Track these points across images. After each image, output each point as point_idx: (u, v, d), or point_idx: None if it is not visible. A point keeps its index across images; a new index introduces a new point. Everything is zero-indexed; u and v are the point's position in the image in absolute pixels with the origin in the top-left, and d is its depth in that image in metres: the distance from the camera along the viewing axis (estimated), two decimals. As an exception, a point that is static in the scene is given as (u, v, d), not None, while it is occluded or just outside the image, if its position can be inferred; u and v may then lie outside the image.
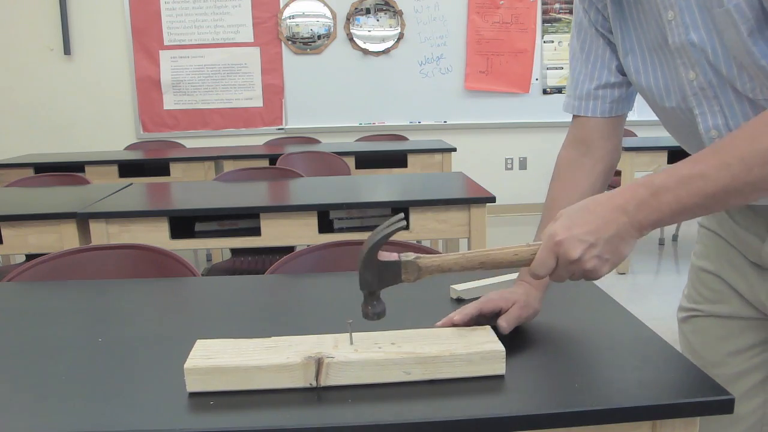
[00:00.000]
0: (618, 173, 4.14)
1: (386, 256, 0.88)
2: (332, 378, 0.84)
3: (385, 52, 5.23)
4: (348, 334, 0.89)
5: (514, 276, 1.24)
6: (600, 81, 1.09)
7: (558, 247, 0.82)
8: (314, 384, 0.84)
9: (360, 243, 1.55)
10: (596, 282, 1.26)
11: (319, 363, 0.83)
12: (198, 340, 0.90)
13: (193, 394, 0.83)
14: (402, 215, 0.89)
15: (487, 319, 0.99)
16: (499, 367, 0.86)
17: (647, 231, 0.82)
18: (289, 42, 5.17)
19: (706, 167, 0.78)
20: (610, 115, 1.11)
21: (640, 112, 1.17)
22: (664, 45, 0.93)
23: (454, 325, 0.96)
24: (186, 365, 0.83)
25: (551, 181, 1.14)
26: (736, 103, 0.92)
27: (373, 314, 0.88)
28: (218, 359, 0.84)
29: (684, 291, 1.22)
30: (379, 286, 0.88)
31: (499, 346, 0.87)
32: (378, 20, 5.20)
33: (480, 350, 0.86)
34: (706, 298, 1.15)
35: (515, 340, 0.98)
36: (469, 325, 0.96)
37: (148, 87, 5.16)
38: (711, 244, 1.15)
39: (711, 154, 0.79)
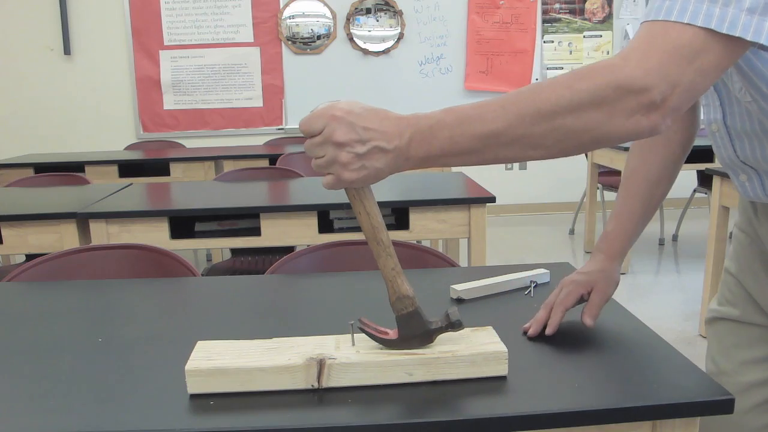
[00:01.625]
0: (618, 173, 4.15)
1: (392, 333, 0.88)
2: (334, 379, 0.83)
3: (385, 52, 5.23)
4: (350, 335, 0.89)
5: (514, 276, 1.25)
6: None
7: (332, 120, 0.78)
8: (316, 385, 0.83)
9: (360, 243, 1.55)
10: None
11: (320, 364, 0.83)
12: (198, 342, 0.90)
13: (193, 395, 0.83)
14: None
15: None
16: (501, 368, 0.86)
17: (415, 164, 0.79)
18: (289, 42, 5.17)
19: (486, 110, 0.75)
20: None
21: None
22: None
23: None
24: (187, 367, 0.83)
25: (628, 153, 1.12)
26: (734, 103, 0.92)
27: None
28: (219, 361, 0.84)
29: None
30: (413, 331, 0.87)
31: (502, 347, 0.86)
32: (378, 20, 5.20)
33: (483, 351, 0.85)
34: (727, 299, 1.14)
35: (515, 340, 0.98)
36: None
37: (148, 87, 5.16)
38: (738, 245, 1.14)
39: (496, 100, 0.76)
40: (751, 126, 0.91)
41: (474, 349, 0.86)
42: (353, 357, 0.84)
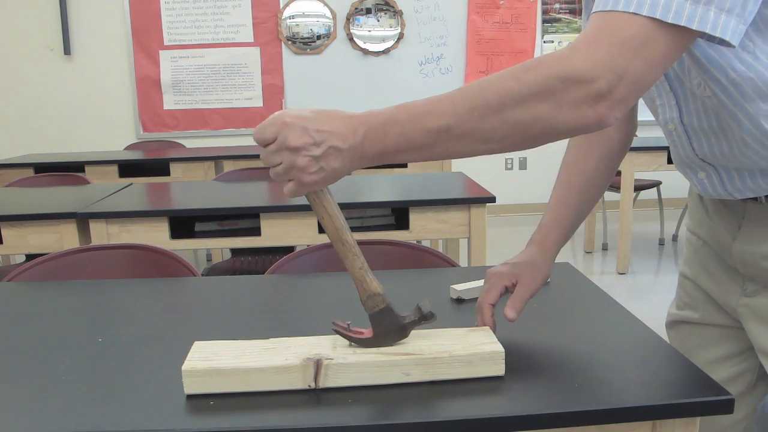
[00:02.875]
0: (618, 173, 4.15)
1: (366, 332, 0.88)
2: (331, 380, 0.83)
3: (385, 52, 5.23)
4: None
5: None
6: None
7: (283, 127, 0.78)
8: (313, 386, 0.83)
9: (360, 243, 1.55)
10: (596, 282, 1.26)
11: (317, 365, 0.83)
12: (195, 342, 0.90)
13: (192, 395, 0.83)
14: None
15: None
16: (498, 369, 0.86)
17: (370, 161, 0.79)
18: (289, 42, 5.17)
19: (436, 105, 0.75)
20: None
21: (640, 112, 1.16)
22: None
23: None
24: (184, 367, 0.82)
25: (567, 147, 1.11)
26: (690, 100, 0.92)
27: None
28: (216, 361, 0.84)
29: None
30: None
31: (499, 347, 0.86)
32: (378, 20, 5.20)
33: (479, 351, 0.85)
34: (685, 303, 1.16)
35: (515, 340, 0.98)
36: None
37: (148, 87, 5.16)
38: (691, 248, 1.15)
39: (447, 95, 0.76)
40: (708, 123, 0.91)
41: (471, 349, 0.86)
42: (350, 357, 0.84)
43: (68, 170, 3.45)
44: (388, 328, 0.87)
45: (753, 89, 0.82)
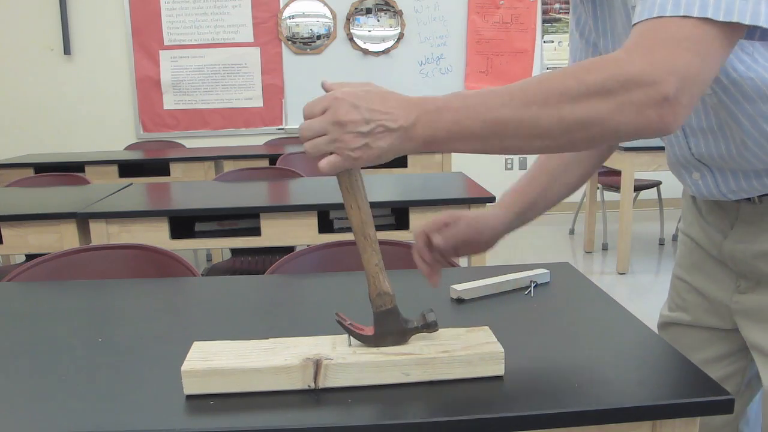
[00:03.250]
0: (618, 173, 4.14)
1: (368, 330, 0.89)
2: (330, 380, 0.83)
3: (385, 52, 5.23)
4: (346, 335, 0.89)
5: (514, 276, 1.25)
6: (596, 54, 1.06)
7: (334, 101, 0.77)
8: (312, 386, 0.83)
9: (355, 243, 1.55)
10: (596, 282, 1.26)
11: (317, 365, 0.83)
12: (195, 342, 0.90)
13: (192, 395, 0.83)
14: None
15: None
16: (498, 368, 0.86)
17: (418, 146, 0.78)
18: (289, 42, 5.17)
19: (493, 97, 0.75)
20: None
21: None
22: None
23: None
24: (183, 367, 0.82)
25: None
26: (698, 101, 0.91)
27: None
28: (215, 361, 0.84)
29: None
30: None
31: (498, 348, 0.86)
32: (378, 20, 5.20)
33: (479, 351, 0.85)
34: (677, 305, 1.17)
35: (515, 340, 0.98)
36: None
37: (148, 87, 5.16)
38: (685, 249, 1.16)
39: (505, 88, 0.75)
40: (707, 122, 0.91)
41: (470, 349, 0.86)
42: (349, 357, 0.84)
43: (68, 170, 3.45)
44: (390, 329, 0.87)
45: (753, 89, 0.82)
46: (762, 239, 0.95)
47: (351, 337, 0.88)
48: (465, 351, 0.85)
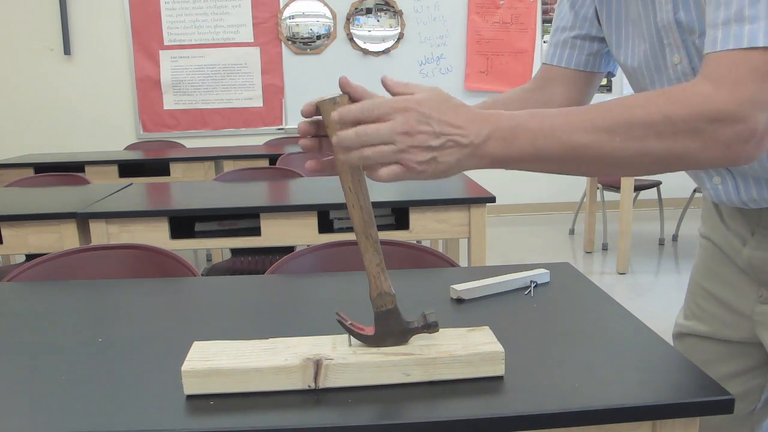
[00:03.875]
0: (618, 173, 4.14)
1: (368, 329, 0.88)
2: (330, 380, 0.83)
3: (385, 52, 5.23)
4: (346, 335, 0.89)
5: (514, 276, 1.25)
6: (581, 30, 1.04)
7: (406, 110, 0.73)
8: (313, 386, 0.83)
9: (355, 243, 1.55)
10: (596, 282, 1.26)
11: (317, 365, 0.83)
12: (195, 342, 0.90)
13: (192, 395, 0.83)
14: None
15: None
16: (498, 369, 0.86)
17: (488, 164, 0.75)
18: (289, 42, 5.17)
19: (572, 119, 0.73)
20: (584, 69, 1.05)
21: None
22: (651, 22, 0.88)
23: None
24: (183, 367, 0.82)
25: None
26: None
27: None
28: (215, 361, 0.84)
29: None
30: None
31: (499, 348, 0.86)
32: (378, 20, 5.20)
33: (479, 351, 0.85)
34: (694, 313, 1.14)
35: (515, 340, 0.98)
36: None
37: (148, 87, 5.17)
38: (705, 253, 1.13)
39: (584, 111, 0.74)
40: None
41: (471, 350, 0.86)
42: (350, 357, 0.84)
43: (68, 170, 3.45)
44: (390, 330, 0.87)
45: None
46: None
47: (351, 337, 0.88)
48: (465, 351, 0.85)
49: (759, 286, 1.00)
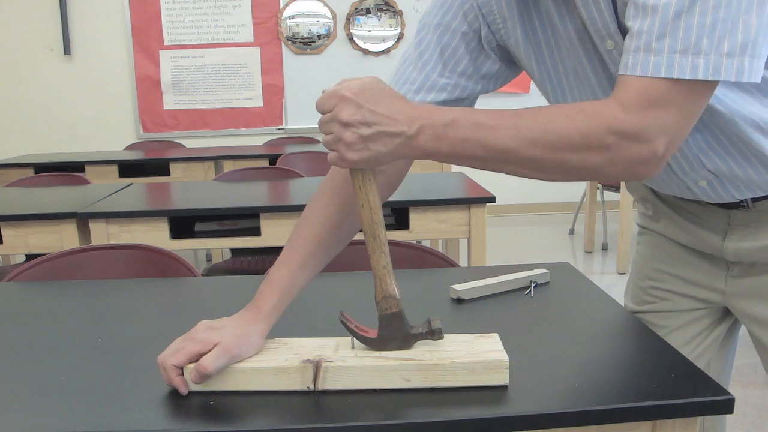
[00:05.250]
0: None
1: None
2: (330, 382, 0.83)
3: (385, 52, 5.23)
4: (350, 337, 0.89)
5: (514, 276, 1.25)
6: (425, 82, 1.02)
7: (341, 100, 0.79)
8: (312, 387, 0.83)
9: (360, 243, 1.55)
10: (596, 282, 1.26)
11: (316, 367, 0.83)
12: None
13: (192, 395, 0.83)
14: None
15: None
16: (502, 378, 0.83)
17: (418, 155, 0.80)
18: (289, 42, 5.17)
19: (500, 124, 0.78)
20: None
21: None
22: (599, 72, 0.91)
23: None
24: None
25: (313, 194, 1.01)
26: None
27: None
28: None
29: (626, 293, 1.23)
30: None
31: (503, 356, 0.84)
32: (378, 20, 5.20)
33: (482, 359, 0.83)
34: (655, 296, 1.15)
35: (515, 340, 0.98)
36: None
37: (148, 87, 5.16)
38: (659, 244, 1.16)
39: (510, 116, 0.78)
40: (713, 136, 0.92)
41: (474, 357, 0.84)
42: (350, 360, 0.84)
43: (68, 170, 3.45)
44: (394, 334, 0.86)
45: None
46: (762, 236, 0.98)
47: (354, 339, 0.88)
48: (468, 358, 0.83)
49: (728, 265, 1.05)
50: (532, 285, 1.24)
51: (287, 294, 0.93)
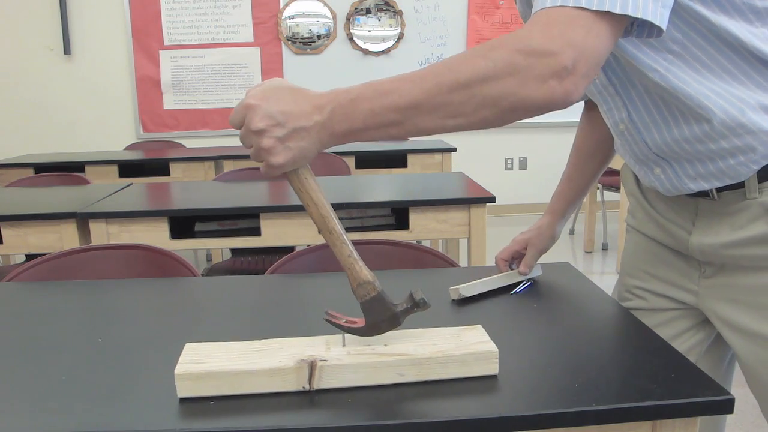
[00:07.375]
0: (617, 173, 4.14)
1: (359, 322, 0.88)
2: (325, 381, 0.83)
3: (385, 52, 5.23)
4: (340, 335, 0.89)
5: (514, 273, 1.25)
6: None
7: (248, 109, 0.81)
8: (307, 387, 0.83)
9: (360, 243, 1.55)
10: (596, 282, 1.27)
11: (311, 366, 0.83)
12: (187, 344, 0.90)
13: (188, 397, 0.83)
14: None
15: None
16: (492, 368, 0.86)
17: (339, 139, 0.81)
18: (289, 42, 5.17)
19: (404, 83, 0.78)
20: None
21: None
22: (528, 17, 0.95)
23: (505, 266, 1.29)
24: (176, 371, 0.82)
25: (579, 126, 1.30)
26: (637, 99, 0.97)
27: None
28: (208, 364, 0.83)
29: (615, 289, 1.26)
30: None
31: (492, 347, 0.86)
32: (378, 20, 5.20)
33: (473, 351, 0.85)
34: (635, 295, 1.18)
35: (515, 340, 0.98)
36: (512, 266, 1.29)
37: (148, 87, 5.16)
38: (640, 242, 1.18)
39: (413, 73, 0.79)
40: (658, 112, 0.95)
41: (464, 349, 0.86)
42: (344, 358, 0.84)
43: (68, 170, 3.45)
44: (380, 317, 0.86)
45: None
46: (725, 231, 0.98)
47: (345, 335, 0.88)
48: (459, 351, 0.85)
49: (701, 265, 1.06)
50: (527, 284, 1.25)
51: (567, 203, 1.30)
